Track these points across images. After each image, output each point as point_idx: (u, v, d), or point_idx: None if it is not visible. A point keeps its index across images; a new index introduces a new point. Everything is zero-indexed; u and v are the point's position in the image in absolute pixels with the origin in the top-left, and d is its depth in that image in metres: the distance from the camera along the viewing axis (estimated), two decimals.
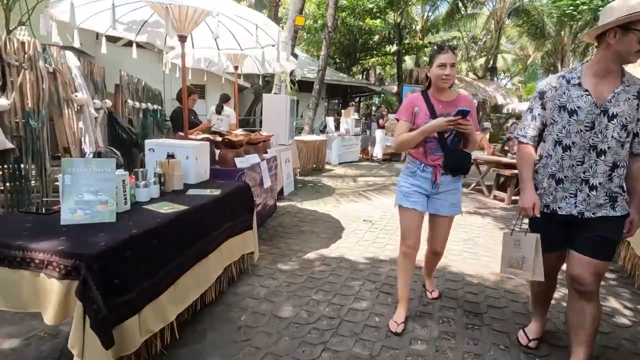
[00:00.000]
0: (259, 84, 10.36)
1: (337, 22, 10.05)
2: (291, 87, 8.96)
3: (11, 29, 6.64)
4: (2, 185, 2.96)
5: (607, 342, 2.21)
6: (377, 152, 10.75)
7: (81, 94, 3.61)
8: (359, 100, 20.65)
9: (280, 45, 3.28)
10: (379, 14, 15.87)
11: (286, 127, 6.05)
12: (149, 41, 3.96)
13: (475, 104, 14.53)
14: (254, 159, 3.87)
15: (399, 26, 15.81)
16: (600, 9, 16.66)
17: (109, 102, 4.71)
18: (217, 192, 2.47)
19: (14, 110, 2.94)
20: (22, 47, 3.03)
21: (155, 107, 7.29)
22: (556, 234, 1.80)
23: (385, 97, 16.56)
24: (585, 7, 16.75)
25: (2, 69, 2.85)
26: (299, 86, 9.75)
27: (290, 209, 5.06)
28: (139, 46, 4.03)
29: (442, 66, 1.98)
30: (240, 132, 4.45)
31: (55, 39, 3.00)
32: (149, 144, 2.70)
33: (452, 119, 1.90)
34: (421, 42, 17.99)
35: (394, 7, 15.16)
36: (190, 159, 2.64)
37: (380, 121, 10.58)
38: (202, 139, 3.48)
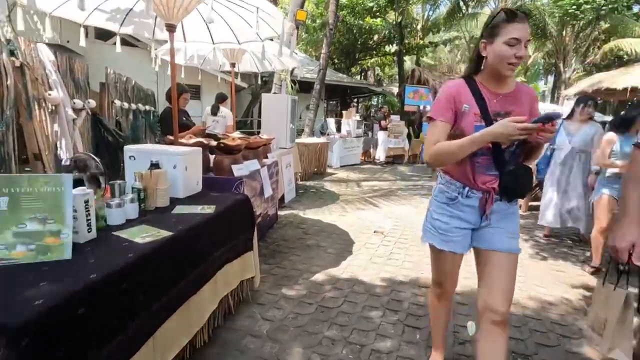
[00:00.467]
0: (258, 82, 9.92)
1: (338, 20, 9.63)
2: (292, 87, 8.52)
3: None
4: None
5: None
6: (380, 155, 10.34)
7: (56, 93, 3.16)
8: (357, 101, 20.26)
9: (284, 35, 2.86)
10: (378, 13, 15.50)
11: (287, 129, 5.62)
12: (136, 33, 3.52)
13: None
14: (253, 165, 3.43)
15: (400, 25, 15.44)
16: (603, 8, 16.48)
17: (92, 103, 4.25)
18: (210, 208, 2.03)
19: None
20: None
21: (147, 108, 6.84)
22: None
23: (387, 98, 16.17)
24: (588, 6, 16.48)
25: None
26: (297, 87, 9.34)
27: (292, 219, 4.62)
28: (131, 45, 3.62)
29: (514, 42, 1.32)
30: (237, 135, 4.01)
31: (20, 27, 2.55)
32: (129, 150, 2.26)
33: (531, 127, 1.25)
34: (422, 41, 17.63)
35: (395, 5, 14.78)
36: (178, 168, 2.20)
37: (382, 122, 10.17)
38: (195, 144, 3.04)
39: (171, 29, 2.84)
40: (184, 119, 3.83)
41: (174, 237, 1.58)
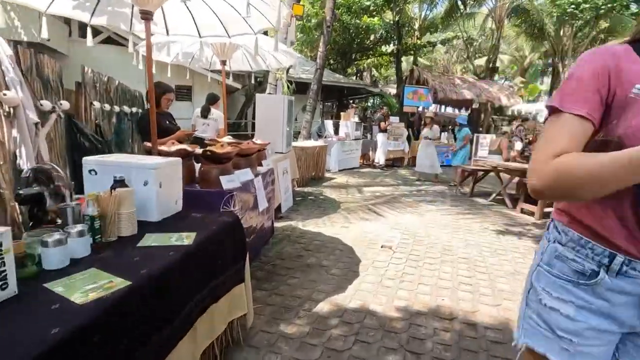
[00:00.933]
0: (251, 82, 9.47)
1: (336, 17, 9.22)
2: (288, 87, 8.08)
3: None
4: None
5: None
6: (379, 158, 9.93)
7: (14, 93, 2.70)
8: (352, 102, 19.85)
9: (280, 22, 2.43)
10: (375, 12, 15.11)
11: (283, 132, 5.18)
12: (111, 25, 3.07)
13: (476, 105, 13.91)
14: (245, 175, 2.99)
15: (398, 24, 15.07)
16: (602, 7, 16.27)
17: (65, 104, 3.77)
18: (189, 238, 1.59)
19: None
20: None
21: (133, 110, 6.37)
22: None
23: (386, 99, 15.80)
24: (587, 5, 16.28)
25: None
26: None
27: (290, 232, 4.19)
28: (119, 44, 3.17)
29: None
30: (228, 140, 3.57)
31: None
32: (88, 163, 1.81)
33: None
34: (419, 41, 17.28)
35: (392, 4, 14.40)
36: (150, 185, 1.76)
37: (381, 124, 9.77)
38: (176, 152, 2.60)
39: (147, 16, 2.40)
40: (167, 123, 3.38)
41: (131, 289, 1.13)
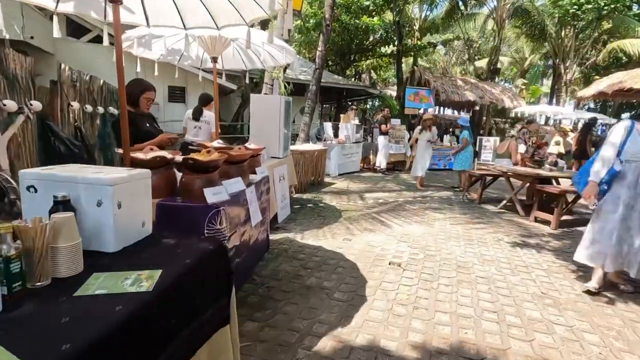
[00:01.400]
0: (247, 83, 9.07)
1: (335, 15, 8.86)
2: (285, 87, 7.69)
3: None
4: None
5: None
6: (380, 162, 9.55)
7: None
8: (352, 104, 19.49)
9: (275, 4, 2.04)
10: (375, 13, 14.77)
11: (280, 136, 4.77)
12: (78, 12, 2.67)
13: (477, 107, 13.56)
14: (236, 185, 2.59)
15: (398, 24, 14.73)
16: (605, 8, 16.00)
17: (36, 105, 3.38)
18: (149, 280, 1.19)
19: None
20: None
21: (120, 111, 5.97)
22: None
23: (386, 101, 15.43)
24: (589, 5, 16.01)
25: None
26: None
27: (287, 246, 3.79)
28: (109, 43, 2.78)
29: None
30: (217, 144, 3.18)
31: None
32: (25, 176, 1.41)
33: None
34: (419, 42, 16.96)
35: (392, 4, 14.06)
36: (105, 206, 1.36)
37: (382, 127, 9.38)
38: (153, 159, 2.21)
39: None
40: (147, 126, 2.98)
41: None
